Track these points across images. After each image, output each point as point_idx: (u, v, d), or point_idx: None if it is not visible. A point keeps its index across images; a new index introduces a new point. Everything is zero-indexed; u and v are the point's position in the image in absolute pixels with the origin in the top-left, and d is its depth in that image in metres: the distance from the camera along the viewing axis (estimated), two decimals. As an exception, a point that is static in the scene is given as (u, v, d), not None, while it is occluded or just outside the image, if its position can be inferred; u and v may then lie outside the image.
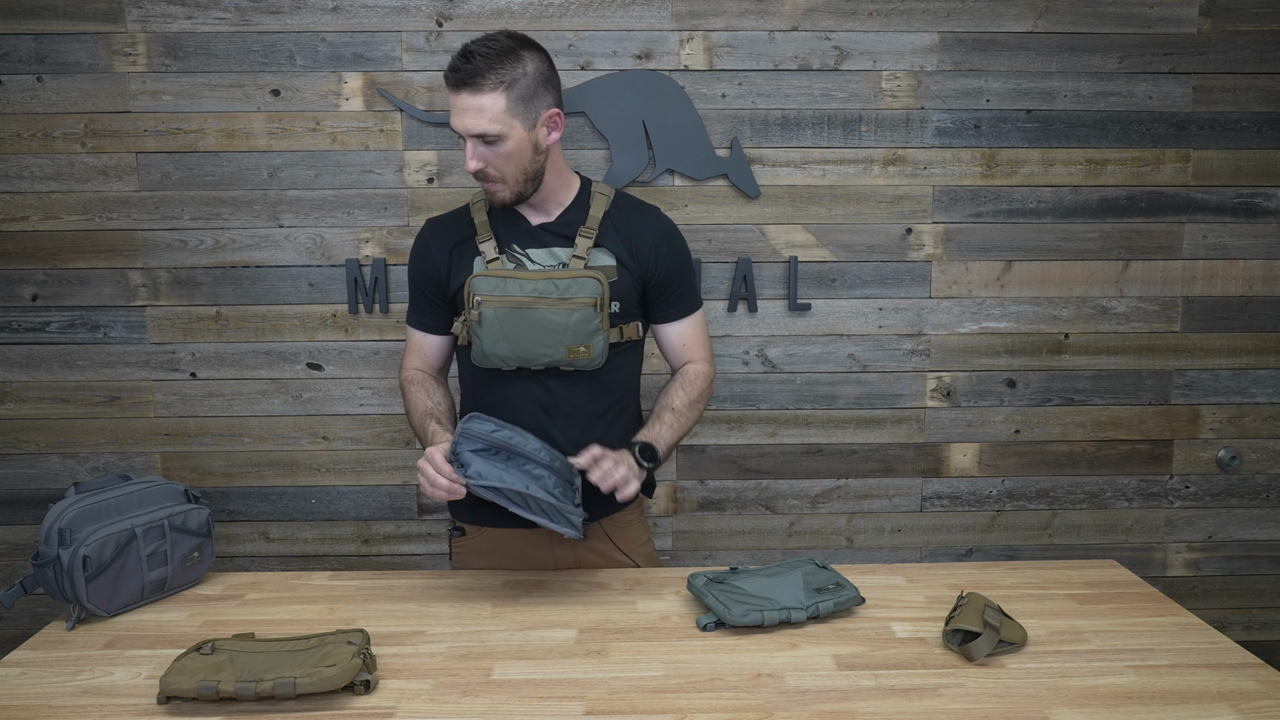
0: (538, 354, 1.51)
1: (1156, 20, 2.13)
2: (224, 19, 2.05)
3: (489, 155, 1.45)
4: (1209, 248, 2.22)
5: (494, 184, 1.48)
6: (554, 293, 1.48)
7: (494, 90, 1.41)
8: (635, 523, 1.70)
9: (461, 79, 1.41)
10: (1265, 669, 1.23)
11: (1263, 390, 2.27)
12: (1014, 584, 1.53)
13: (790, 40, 2.11)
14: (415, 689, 1.19)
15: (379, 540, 2.25)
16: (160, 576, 1.46)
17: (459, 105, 1.42)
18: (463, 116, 1.42)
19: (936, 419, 2.25)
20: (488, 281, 1.49)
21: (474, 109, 1.41)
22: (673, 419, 1.58)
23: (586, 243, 1.53)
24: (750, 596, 1.37)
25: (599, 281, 1.49)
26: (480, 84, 1.41)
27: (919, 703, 1.15)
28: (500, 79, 1.41)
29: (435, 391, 1.62)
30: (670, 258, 1.59)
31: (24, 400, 2.16)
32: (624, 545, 1.66)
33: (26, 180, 2.09)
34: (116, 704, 1.16)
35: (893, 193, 2.17)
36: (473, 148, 1.44)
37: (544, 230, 1.55)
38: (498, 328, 1.49)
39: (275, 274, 2.14)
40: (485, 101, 1.41)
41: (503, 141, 1.44)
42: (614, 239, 1.55)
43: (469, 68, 1.40)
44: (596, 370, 1.55)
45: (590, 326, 1.50)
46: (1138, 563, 2.31)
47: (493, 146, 1.44)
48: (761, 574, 1.44)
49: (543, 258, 1.53)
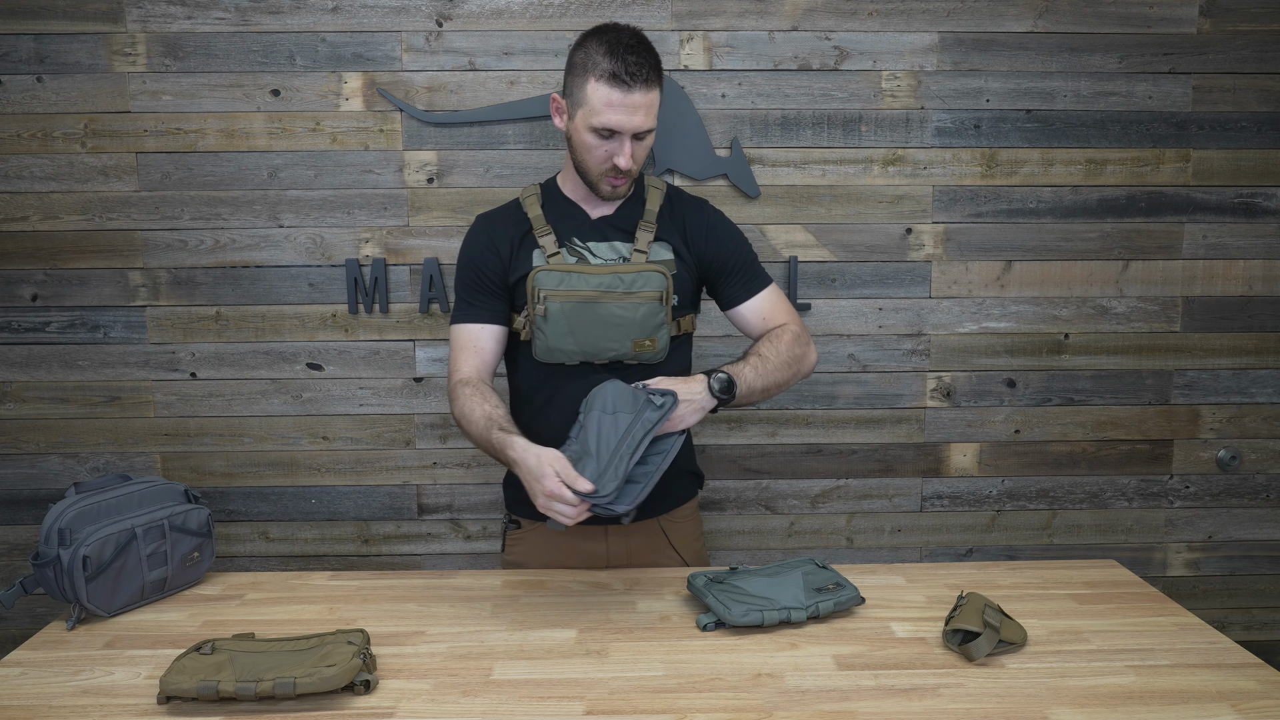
0: (604, 348, 1.50)
1: (1156, 20, 2.13)
2: (224, 19, 2.05)
3: (637, 150, 1.45)
4: (1209, 248, 2.22)
5: (625, 179, 1.49)
6: (620, 287, 1.48)
7: (658, 83, 1.43)
8: (689, 519, 1.71)
9: (639, 77, 1.39)
10: (1265, 669, 1.24)
11: (1263, 390, 2.27)
12: (1014, 584, 1.53)
13: (790, 40, 2.11)
14: (415, 689, 1.19)
15: (379, 540, 2.25)
16: (160, 576, 1.46)
17: (631, 103, 1.40)
18: (633, 115, 1.41)
19: (936, 419, 2.25)
20: (552, 276, 1.48)
21: (646, 106, 1.42)
22: (758, 362, 1.50)
23: (647, 236, 1.53)
24: (750, 596, 1.37)
25: (663, 275, 1.49)
26: (652, 80, 1.42)
27: (919, 703, 1.15)
28: (659, 70, 1.44)
29: (490, 395, 1.52)
30: (727, 243, 1.59)
31: (24, 400, 2.17)
32: (676, 541, 1.67)
33: (26, 180, 2.09)
34: (116, 704, 1.16)
35: (893, 193, 2.17)
36: (629, 146, 1.44)
37: (604, 223, 1.55)
38: (564, 323, 1.48)
39: (275, 274, 2.14)
40: (654, 96, 1.43)
41: (651, 135, 1.46)
42: (671, 232, 1.56)
43: (641, 64, 1.40)
44: (658, 364, 1.55)
45: (656, 320, 1.50)
46: (1138, 563, 2.31)
47: (642, 140, 1.45)
48: (762, 574, 1.44)
49: (604, 251, 1.53)
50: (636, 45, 1.42)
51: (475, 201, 2.12)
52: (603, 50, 1.42)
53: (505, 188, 2.13)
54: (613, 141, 1.45)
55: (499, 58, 2.09)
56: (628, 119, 1.41)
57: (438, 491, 2.23)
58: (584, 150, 1.48)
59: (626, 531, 1.63)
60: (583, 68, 1.44)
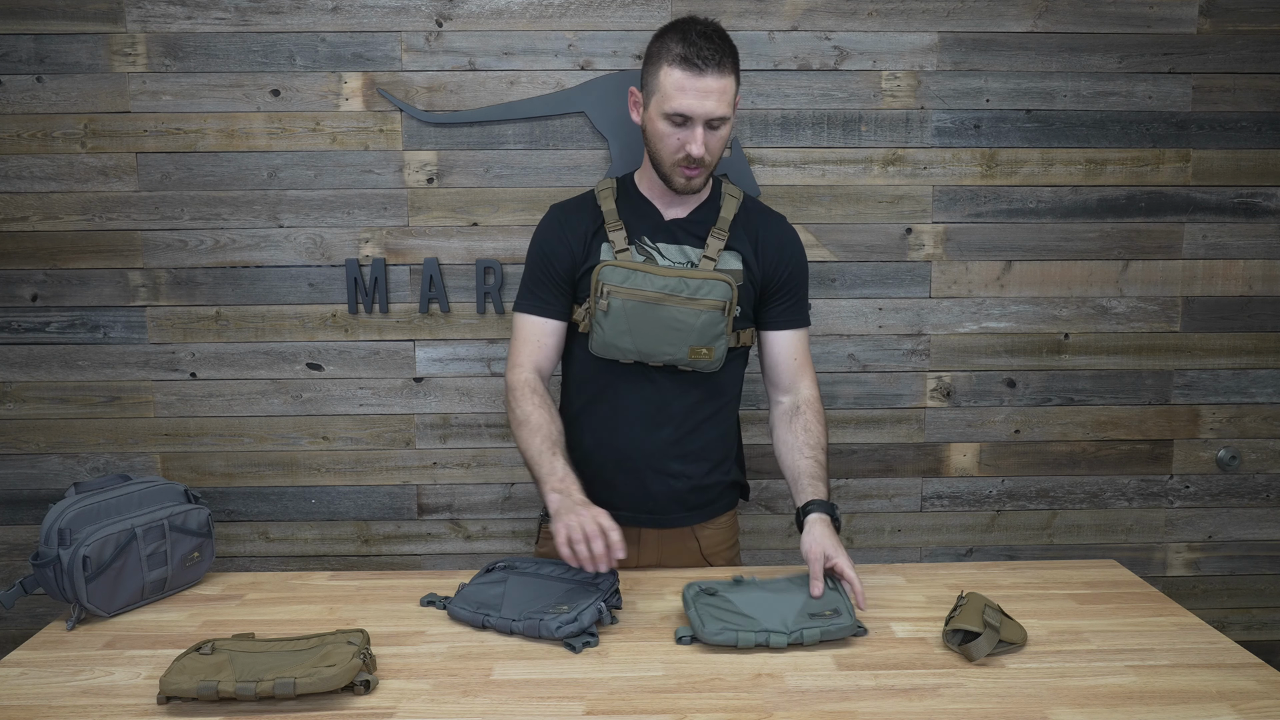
0: (660, 351, 1.50)
1: (1156, 20, 2.13)
2: (224, 19, 2.05)
3: (710, 140, 1.44)
4: (1209, 248, 2.22)
5: (700, 170, 1.47)
6: (684, 291, 1.47)
7: (733, 73, 1.43)
8: (726, 527, 1.71)
9: (712, 61, 1.39)
10: (1265, 669, 1.23)
11: (1263, 390, 2.27)
12: (1014, 584, 1.53)
13: (790, 40, 2.11)
14: (415, 689, 1.19)
15: (379, 540, 2.25)
16: (160, 576, 1.46)
17: (702, 88, 1.40)
18: (705, 100, 1.40)
19: (936, 419, 2.25)
20: (618, 272, 1.48)
21: (719, 91, 1.41)
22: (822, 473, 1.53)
23: (718, 244, 1.52)
24: (733, 614, 1.32)
25: (729, 285, 1.49)
26: (725, 65, 1.41)
27: (919, 703, 1.15)
28: (735, 61, 1.43)
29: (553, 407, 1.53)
30: (794, 265, 1.59)
31: (24, 400, 2.17)
32: (708, 549, 1.68)
33: (26, 180, 2.09)
34: (116, 704, 1.16)
35: (893, 193, 2.17)
36: (702, 134, 1.43)
37: (676, 225, 1.55)
38: (623, 320, 1.48)
39: (275, 274, 2.15)
40: (728, 84, 1.42)
41: (726, 124, 1.45)
42: (743, 241, 1.55)
43: (714, 49, 1.39)
44: (712, 374, 1.55)
45: (716, 329, 1.49)
46: (1138, 563, 2.31)
47: (716, 130, 1.44)
48: (763, 588, 1.39)
49: (673, 254, 1.53)
50: (711, 33, 1.42)
51: (475, 201, 2.13)
52: (676, 37, 1.43)
53: (505, 188, 2.13)
54: (685, 129, 1.44)
55: (499, 58, 2.09)
56: (699, 103, 1.41)
57: (438, 491, 2.23)
58: (657, 140, 1.48)
59: (659, 536, 1.64)
60: (657, 56, 1.45)
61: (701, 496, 1.64)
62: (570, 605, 1.33)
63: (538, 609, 1.34)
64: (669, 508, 1.61)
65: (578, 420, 1.63)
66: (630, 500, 1.60)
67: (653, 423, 1.56)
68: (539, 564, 1.48)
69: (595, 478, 1.61)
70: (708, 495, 1.65)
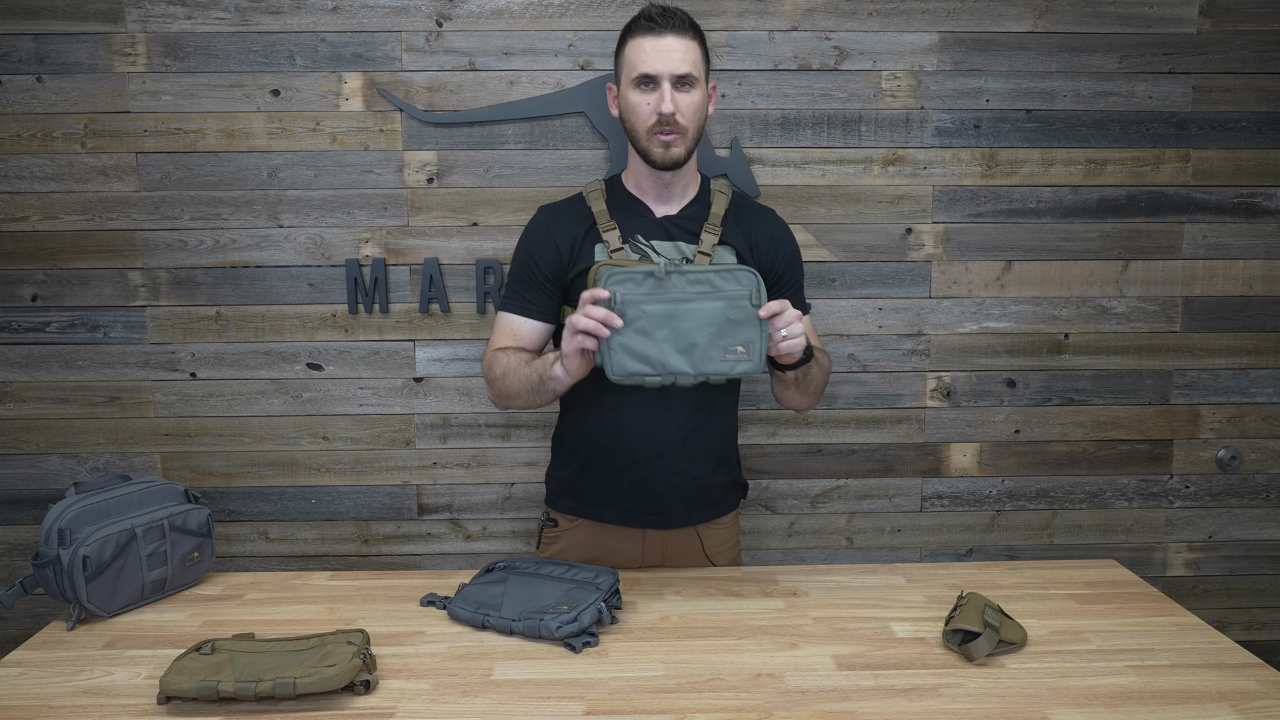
0: None
1: (1156, 20, 2.13)
2: (224, 19, 2.05)
3: (681, 101, 1.48)
4: (1209, 248, 2.22)
5: (676, 135, 1.49)
6: None
7: (694, 38, 1.48)
8: (728, 526, 1.72)
9: (670, 23, 1.46)
10: (1265, 669, 1.24)
11: (1263, 390, 2.27)
12: (1014, 584, 1.53)
13: (790, 40, 2.11)
14: (415, 689, 1.19)
15: (379, 540, 2.25)
16: (160, 576, 1.46)
17: (662, 47, 1.45)
18: (669, 56, 1.45)
19: (936, 419, 2.25)
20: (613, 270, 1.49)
21: (681, 49, 1.46)
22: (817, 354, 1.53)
23: (712, 239, 1.54)
24: (644, 340, 1.30)
25: None
26: (685, 29, 1.47)
27: (919, 703, 1.15)
28: (695, 30, 1.49)
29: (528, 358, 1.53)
30: (789, 258, 1.63)
31: (24, 400, 2.17)
32: (711, 549, 1.68)
33: (26, 180, 2.09)
34: (116, 704, 1.16)
35: (893, 193, 2.17)
36: (669, 90, 1.46)
37: (668, 222, 1.56)
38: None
39: (275, 274, 2.15)
40: (690, 44, 1.47)
41: (695, 89, 1.48)
42: (736, 237, 1.57)
43: (670, 15, 1.47)
44: None
45: None
46: (1138, 563, 2.31)
47: (686, 93, 1.48)
48: (684, 294, 1.32)
49: (668, 250, 1.54)
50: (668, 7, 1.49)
51: (475, 201, 2.13)
52: (637, 16, 1.50)
53: (505, 188, 2.13)
54: (654, 92, 1.47)
55: (499, 58, 2.09)
56: (663, 60, 1.45)
57: (438, 491, 2.23)
58: (630, 113, 1.51)
59: (664, 537, 1.64)
60: (622, 39, 1.52)
61: (706, 495, 1.64)
62: (570, 605, 1.33)
63: (538, 609, 1.34)
64: (674, 507, 1.61)
65: (578, 424, 1.63)
66: (635, 501, 1.60)
67: (656, 422, 1.57)
68: (539, 564, 1.48)
69: (599, 480, 1.61)
70: (712, 494, 1.65)
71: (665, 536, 1.64)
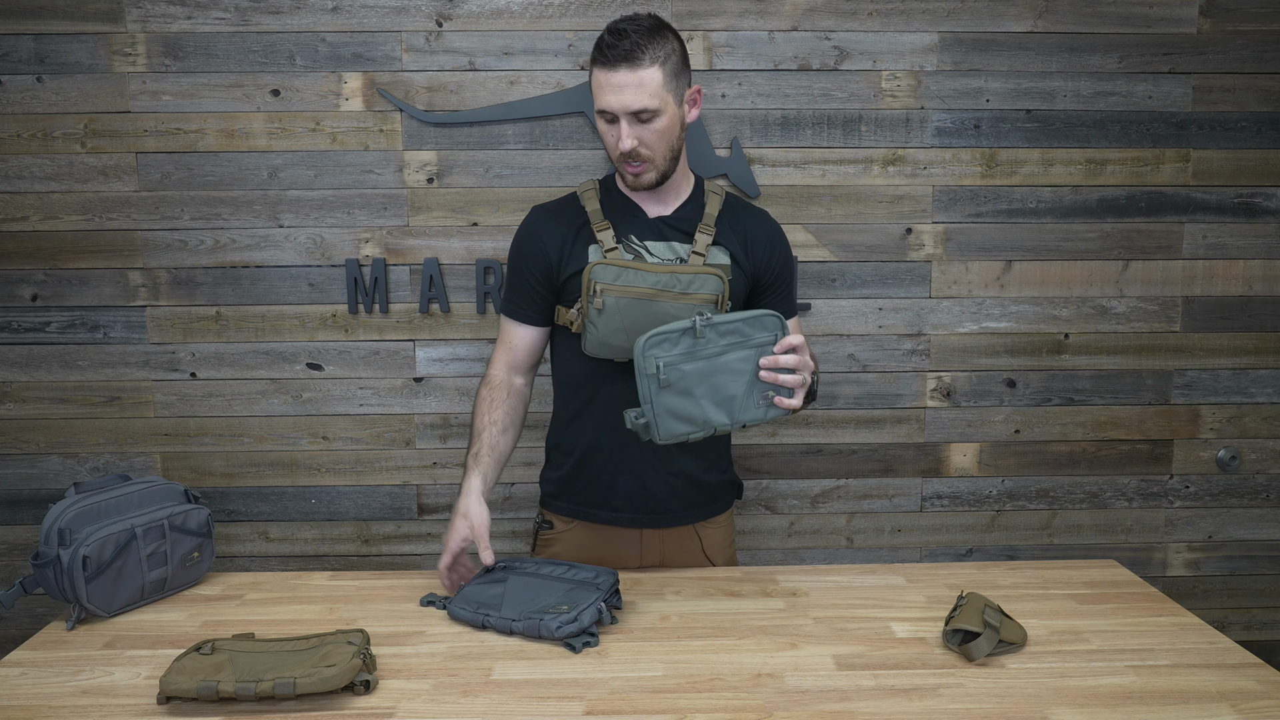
0: None
1: (1156, 20, 2.13)
2: (224, 19, 2.05)
3: (643, 133, 1.46)
4: (1209, 248, 2.22)
5: (642, 164, 1.49)
6: (676, 287, 1.48)
7: (652, 65, 1.43)
8: (724, 525, 1.72)
9: (620, 55, 1.41)
10: (1265, 669, 1.24)
11: (1263, 390, 2.27)
12: (1014, 584, 1.53)
13: (790, 40, 2.11)
14: (415, 689, 1.19)
15: (379, 540, 2.25)
16: (160, 576, 1.46)
17: (616, 82, 1.42)
18: (620, 94, 1.42)
19: (936, 419, 2.25)
20: (609, 270, 1.48)
21: (634, 84, 1.42)
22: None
23: (706, 239, 1.54)
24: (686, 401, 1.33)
25: (720, 279, 1.49)
26: (639, 59, 1.42)
27: (919, 703, 1.15)
28: (656, 54, 1.43)
29: (498, 406, 1.57)
30: (782, 260, 1.62)
31: (24, 400, 2.17)
32: (709, 548, 1.68)
33: (26, 180, 2.09)
34: (116, 704, 1.16)
35: (893, 193, 2.17)
36: (627, 126, 1.44)
37: (662, 223, 1.56)
38: (618, 318, 1.48)
39: (275, 274, 2.15)
40: (645, 76, 1.42)
41: (658, 117, 1.45)
42: (730, 237, 1.57)
43: (626, 44, 1.41)
44: None
45: None
46: (1138, 563, 2.31)
47: (648, 124, 1.45)
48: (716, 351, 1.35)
49: (662, 251, 1.54)
50: (625, 29, 1.43)
51: (475, 201, 2.13)
52: (600, 34, 1.46)
53: (505, 188, 2.13)
54: (616, 125, 1.46)
55: (499, 58, 2.09)
56: (615, 98, 1.43)
57: (438, 491, 2.23)
58: (602, 138, 1.52)
59: (661, 536, 1.65)
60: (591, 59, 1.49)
61: (702, 494, 1.64)
62: (570, 605, 1.33)
63: (538, 609, 1.34)
64: (670, 505, 1.61)
65: (573, 424, 1.63)
66: (631, 501, 1.60)
67: None
68: (539, 564, 1.48)
69: (595, 480, 1.61)
70: (708, 493, 1.65)
71: (663, 536, 1.64)
